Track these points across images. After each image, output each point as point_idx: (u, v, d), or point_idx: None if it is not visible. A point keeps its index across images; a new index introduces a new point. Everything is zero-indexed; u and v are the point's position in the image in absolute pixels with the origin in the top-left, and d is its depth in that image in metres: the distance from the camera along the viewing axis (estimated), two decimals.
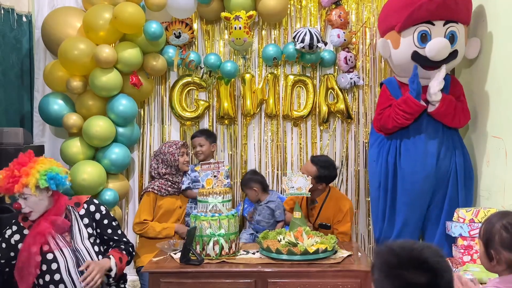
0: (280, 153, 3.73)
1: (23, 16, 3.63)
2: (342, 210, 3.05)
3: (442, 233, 2.98)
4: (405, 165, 3.00)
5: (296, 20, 3.72)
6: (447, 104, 2.89)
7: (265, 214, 3.14)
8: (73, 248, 2.37)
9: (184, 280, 2.38)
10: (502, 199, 2.71)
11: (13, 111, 3.54)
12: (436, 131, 2.97)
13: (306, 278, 2.35)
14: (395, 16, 2.94)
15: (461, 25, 2.90)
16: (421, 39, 2.89)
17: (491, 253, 1.65)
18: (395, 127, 3.01)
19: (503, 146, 2.70)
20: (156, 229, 3.12)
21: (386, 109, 3.05)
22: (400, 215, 3.04)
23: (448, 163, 2.97)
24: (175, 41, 3.60)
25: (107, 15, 3.23)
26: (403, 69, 3.05)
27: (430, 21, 2.85)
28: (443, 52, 2.84)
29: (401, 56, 3.00)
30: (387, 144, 3.08)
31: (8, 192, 2.30)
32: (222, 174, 2.67)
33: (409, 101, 2.90)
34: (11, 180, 2.28)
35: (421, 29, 2.87)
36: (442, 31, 2.86)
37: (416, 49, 2.90)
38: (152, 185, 3.24)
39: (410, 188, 2.99)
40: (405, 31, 2.92)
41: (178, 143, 3.33)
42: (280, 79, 3.71)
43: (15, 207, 2.30)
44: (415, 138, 2.98)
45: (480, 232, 1.72)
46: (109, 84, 3.27)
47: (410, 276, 1.23)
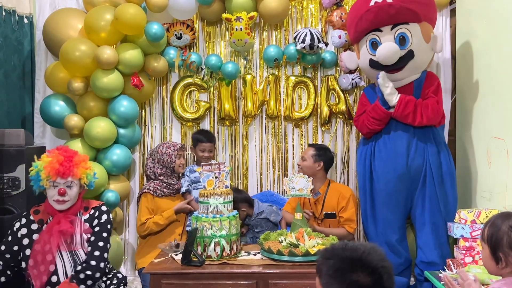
0: (281, 154, 3.73)
1: (25, 17, 3.64)
2: (345, 196, 3.14)
3: (430, 233, 3.01)
4: (378, 167, 3.09)
5: (297, 21, 3.72)
6: (403, 106, 2.94)
7: (262, 224, 3.19)
8: (72, 252, 2.36)
9: (185, 281, 2.38)
10: (504, 200, 2.70)
11: (15, 112, 3.54)
12: (406, 131, 3.02)
13: (308, 279, 2.34)
14: (350, 30, 3.16)
15: (413, 25, 2.93)
16: (372, 46, 3.03)
17: (499, 255, 1.64)
18: (369, 133, 3.13)
19: (505, 147, 2.70)
20: (158, 222, 3.13)
21: (361, 115, 3.17)
22: (380, 215, 3.11)
23: (420, 162, 3.00)
24: (176, 42, 3.60)
25: (108, 16, 3.23)
26: (370, 76, 3.24)
27: (377, 28, 2.96)
28: (392, 56, 2.92)
29: (362, 65, 3.18)
30: (366, 147, 3.20)
31: (59, 175, 2.32)
32: (223, 175, 2.66)
33: (377, 108, 3.03)
34: (66, 165, 2.32)
35: (371, 37, 3.02)
36: (390, 35, 2.95)
37: (371, 57, 3.04)
38: (148, 186, 3.25)
39: (384, 188, 3.06)
40: (360, 41, 3.11)
41: (176, 145, 3.32)
42: (281, 80, 3.71)
43: (61, 192, 2.32)
44: (385, 139, 3.07)
45: (484, 235, 1.71)
46: (110, 85, 3.27)
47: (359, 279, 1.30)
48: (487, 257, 1.69)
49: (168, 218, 3.15)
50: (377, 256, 1.34)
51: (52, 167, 2.31)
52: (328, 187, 3.19)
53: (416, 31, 2.93)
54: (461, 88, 3.40)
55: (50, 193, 2.36)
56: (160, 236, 3.18)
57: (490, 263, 1.68)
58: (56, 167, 2.32)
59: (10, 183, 2.92)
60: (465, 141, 3.25)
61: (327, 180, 3.25)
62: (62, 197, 2.34)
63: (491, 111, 2.90)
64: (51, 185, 2.34)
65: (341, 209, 3.12)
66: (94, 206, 2.49)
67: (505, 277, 1.66)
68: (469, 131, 3.20)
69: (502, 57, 2.78)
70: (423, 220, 3.03)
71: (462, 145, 3.33)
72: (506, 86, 2.73)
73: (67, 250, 2.35)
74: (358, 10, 3.00)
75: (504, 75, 2.76)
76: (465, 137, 3.26)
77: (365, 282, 1.29)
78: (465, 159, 3.26)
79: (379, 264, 1.32)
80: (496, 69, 2.86)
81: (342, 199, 3.13)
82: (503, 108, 2.76)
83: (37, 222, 2.40)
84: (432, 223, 2.99)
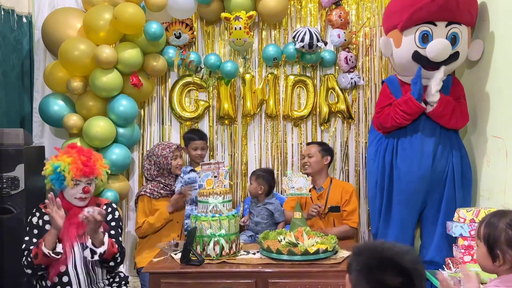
0: (281, 154, 3.73)
1: (23, 17, 3.63)
2: (348, 191, 3.17)
3: (441, 233, 2.98)
4: (401, 165, 3.02)
5: (296, 21, 3.72)
6: (444, 105, 2.90)
7: (263, 215, 3.15)
8: (83, 245, 2.41)
9: (185, 280, 2.38)
10: (503, 199, 2.70)
11: (14, 112, 3.54)
12: (433, 131, 2.97)
13: (307, 278, 2.34)
14: (398, 15, 2.94)
15: (464, 27, 2.89)
16: (422, 39, 2.88)
17: (496, 253, 1.64)
18: (393, 126, 3.02)
19: (504, 146, 2.70)
20: (150, 221, 3.12)
21: (385, 108, 3.06)
22: (396, 214, 3.06)
23: (444, 164, 2.98)
24: (175, 41, 3.60)
25: (107, 16, 3.23)
26: (404, 68, 3.05)
27: (432, 21, 2.84)
28: (444, 53, 2.83)
29: (402, 55, 2.99)
30: (385, 142, 3.10)
31: (85, 175, 2.40)
32: (222, 174, 2.66)
33: (410, 102, 2.90)
34: (90, 164, 2.42)
35: (422, 29, 2.86)
36: (444, 32, 2.85)
37: (417, 49, 2.89)
38: (145, 188, 3.24)
39: (405, 187, 3.00)
40: (407, 30, 2.91)
41: (171, 146, 3.30)
42: (281, 79, 3.71)
43: (85, 190, 2.42)
44: (412, 138, 3.00)
45: (480, 234, 1.71)
46: (110, 85, 3.27)
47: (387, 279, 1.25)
48: (483, 255, 1.69)
49: (161, 217, 3.13)
50: (410, 257, 1.28)
51: (77, 167, 2.40)
52: (331, 182, 3.24)
53: (465, 34, 2.88)
54: None
55: (72, 192, 2.43)
56: (159, 235, 3.18)
57: (486, 261, 1.69)
58: (81, 167, 2.40)
59: (9, 182, 2.92)
60: (465, 140, 3.25)
61: (329, 177, 3.28)
62: (85, 195, 2.43)
63: (490, 110, 2.90)
64: (74, 182, 2.41)
65: (345, 202, 3.13)
66: (105, 203, 2.60)
67: (500, 275, 1.67)
68: (468, 130, 3.20)
69: (502, 56, 2.78)
70: (435, 221, 3.00)
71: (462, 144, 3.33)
72: (505, 85, 2.73)
73: (79, 243, 2.40)
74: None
75: (504, 75, 2.76)
76: (465, 136, 3.26)
77: (394, 283, 1.24)
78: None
79: (410, 266, 1.26)
80: (496, 68, 2.86)
81: (346, 193, 3.16)
82: (502, 107, 2.76)
83: None
84: (445, 225, 2.96)
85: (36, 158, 3.14)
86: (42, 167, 2.54)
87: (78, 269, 2.38)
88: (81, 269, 2.39)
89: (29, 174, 2.98)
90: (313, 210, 2.97)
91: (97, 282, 2.46)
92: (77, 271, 2.37)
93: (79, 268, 2.38)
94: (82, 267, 2.39)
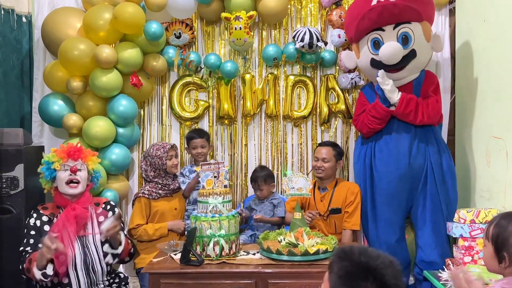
0: (281, 154, 3.72)
1: (23, 16, 3.63)
2: (354, 191, 3.14)
3: (431, 232, 3.01)
4: (379, 166, 3.08)
5: (297, 20, 3.71)
6: (405, 104, 2.94)
7: (266, 210, 3.15)
8: (83, 244, 2.42)
9: (184, 281, 2.38)
10: (503, 200, 2.70)
11: (13, 111, 3.54)
12: (408, 131, 3.02)
13: (307, 279, 2.34)
14: (350, 29, 3.11)
15: (415, 24, 2.92)
16: (374, 46, 2.99)
17: (503, 255, 1.64)
18: (369, 132, 3.11)
19: (504, 146, 2.70)
20: (149, 232, 3.09)
21: (360, 115, 3.16)
22: (381, 215, 3.10)
23: (422, 161, 3.01)
24: (175, 41, 3.59)
25: (107, 16, 3.23)
26: (370, 75, 3.19)
27: (379, 27, 2.94)
28: (396, 55, 2.90)
29: (363, 64, 3.13)
30: (365, 146, 3.18)
31: (70, 156, 2.47)
32: (222, 174, 2.66)
33: (377, 107, 3.01)
34: (76, 148, 2.52)
35: (372, 36, 2.99)
36: (393, 34, 2.93)
37: (373, 56, 3.01)
38: (143, 189, 3.22)
39: (386, 188, 3.05)
40: (361, 41, 3.06)
41: (166, 146, 3.26)
42: (281, 79, 3.70)
43: (73, 169, 2.46)
44: (387, 139, 3.07)
45: (488, 234, 1.71)
46: (109, 85, 3.26)
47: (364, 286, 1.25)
48: (490, 255, 1.70)
49: (159, 232, 3.11)
50: (393, 271, 1.28)
51: (62, 150, 2.49)
52: (336, 184, 3.21)
53: (418, 30, 2.92)
54: (460, 87, 3.40)
55: (61, 176, 2.45)
56: None
57: (493, 262, 1.69)
58: (66, 150, 2.49)
59: (9, 182, 2.92)
60: (464, 140, 3.25)
61: (335, 179, 3.25)
62: (73, 176, 2.45)
63: (490, 111, 2.90)
64: (62, 168, 2.45)
65: (349, 203, 3.11)
66: (104, 201, 2.64)
67: (506, 276, 1.67)
68: (468, 131, 3.20)
69: (502, 57, 2.78)
70: (424, 219, 3.03)
71: (461, 145, 3.33)
72: (505, 85, 2.72)
73: (79, 242, 2.42)
74: (359, 9, 2.98)
75: (503, 75, 2.75)
76: (464, 137, 3.26)
77: None
78: (464, 159, 3.26)
79: (392, 280, 1.26)
80: (495, 69, 2.86)
81: (351, 194, 3.14)
82: (502, 107, 2.76)
83: (48, 215, 2.47)
84: (433, 222, 2.99)
85: (36, 158, 3.11)
86: None
87: (78, 270, 2.38)
88: (81, 269, 2.39)
89: (29, 174, 2.98)
90: (308, 218, 2.96)
91: (97, 283, 2.46)
92: (77, 271, 2.37)
93: (79, 269, 2.38)
94: (82, 267, 2.40)
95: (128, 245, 2.51)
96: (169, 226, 3.15)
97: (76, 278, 2.37)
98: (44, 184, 2.53)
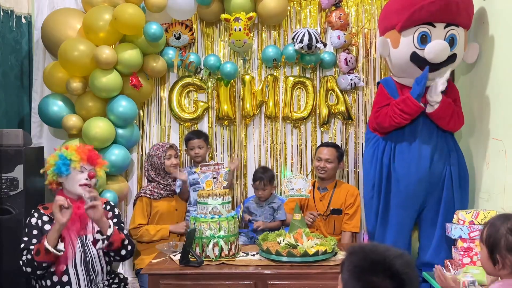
0: (280, 155, 3.72)
1: (22, 17, 3.63)
2: (353, 194, 3.16)
3: (440, 236, 2.98)
4: (399, 168, 3.00)
5: (296, 22, 3.72)
6: (446, 107, 2.89)
7: (267, 214, 3.14)
8: (83, 243, 2.42)
9: (184, 282, 2.38)
10: (502, 201, 2.70)
11: (12, 112, 3.53)
12: (431, 134, 2.97)
13: (306, 280, 2.34)
14: (396, 15, 2.92)
15: (461, 29, 2.89)
16: (421, 40, 2.86)
17: (496, 257, 1.64)
18: (391, 126, 2.98)
19: (503, 148, 2.70)
20: (150, 232, 3.10)
21: (383, 108, 3.03)
22: (393, 217, 3.04)
23: (442, 167, 2.97)
24: (175, 42, 3.60)
25: (107, 16, 3.23)
26: (401, 69, 3.03)
27: (431, 22, 2.83)
28: (442, 55, 2.82)
29: (400, 56, 2.97)
30: (382, 145, 3.06)
31: (89, 161, 2.50)
32: (221, 176, 2.66)
33: (409, 101, 2.88)
34: (94, 153, 2.55)
35: (421, 30, 2.85)
36: (442, 33, 2.84)
37: (415, 50, 2.88)
38: (144, 189, 3.23)
39: (403, 190, 2.98)
40: (406, 31, 2.89)
41: (164, 146, 3.28)
42: (280, 80, 3.70)
43: (91, 174, 2.48)
44: (409, 140, 2.99)
45: (482, 236, 1.71)
46: (109, 85, 3.26)
47: (377, 281, 1.23)
48: (485, 258, 1.69)
49: (160, 232, 3.12)
50: (403, 261, 1.26)
51: (84, 152, 2.49)
52: (336, 185, 3.22)
53: (462, 36, 2.88)
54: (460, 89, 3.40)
55: (77, 177, 2.46)
56: None
57: (488, 264, 1.68)
58: (87, 153, 2.49)
59: (9, 183, 2.91)
60: (464, 142, 3.25)
61: (335, 180, 3.28)
62: (89, 181, 2.46)
63: (490, 112, 2.90)
64: (80, 169, 2.46)
65: (349, 205, 3.12)
66: (104, 201, 2.63)
67: (503, 278, 1.66)
68: (467, 132, 3.21)
69: (501, 58, 2.78)
70: (435, 222, 2.99)
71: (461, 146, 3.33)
72: (505, 87, 2.73)
73: (79, 241, 2.42)
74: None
75: (503, 76, 2.76)
76: (464, 138, 3.26)
77: (385, 286, 1.22)
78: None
79: (402, 269, 1.24)
80: (495, 70, 2.86)
81: (350, 196, 3.15)
82: (501, 109, 2.76)
83: (48, 215, 2.46)
84: (444, 227, 2.96)
85: (35, 158, 3.13)
86: (42, 167, 2.55)
87: (78, 269, 2.39)
88: (81, 268, 2.39)
89: (28, 174, 2.98)
90: (309, 219, 2.95)
91: (96, 282, 2.46)
92: (77, 270, 2.38)
93: (79, 268, 2.39)
94: (82, 266, 2.40)
95: (120, 234, 2.47)
96: (171, 229, 3.15)
97: (76, 276, 2.37)
98: (51, 176, 2.47)
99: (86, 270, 2.40)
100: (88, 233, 2.46)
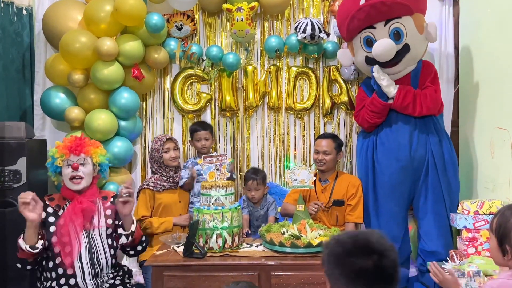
0: (283, 146, 3.71)
1: (23, 9, 3.61)
2: (355, 185, 3.14)
3: (433, 221, 3.01)
4: (381, 159, 3.09)
5: (299, 11, 3.68)
6: (403, 97, 2.95)
7: (263, 218, 3.14)
8: (89, 236, 2.42)
9: (187, 273, 2.38)
10: (507, 191, 2.69)
11: (14, 105, 3.53)
12: (407, 122, 3.02)
13: (310, 271, 2.34)
14: (341, 28, 3.12)
15: (406, 18, 2.91)
16: (367, 44, 2.99)
17: (506, 248, 1.63)
18: (370, 127, 3.13)
19: (508, 137, 2.68)
20: (154, 225, 3.10)
21: (361, 110, 3.16)
22: (383, 207, 3.10)
23: (423, 152, 3.01)
24: (177, 33, 3.57)
25: (108, 8, 3.21)
26: (367, 72, 3.18)
27: (370, 25, 2.93)
28: (389, 52, 2.89)
29: (358, 62, 3.14)
30: (366, 140, 3.19)
31: (72, 151, 2.44)
32: (225, 167, 2.65)
33: (375, 101, 3.02)
34: (77, 142, 2.45)
35: (364, 35, 2.98)
36: (385, 31, 2.92)
37: (366, 54, 3.00)
38: (147, 181, 3.22)
39: (388, 180, 3.05)
40: (354, 39, 3.06)
41: (162, 139, 3.24)
42: (283, 71, 3.68)
43: (74, 166, 2.43)
44: (387, 131, 3.07)
45: (492, 226, 1.70)
46: (111, 77, 3.25)
47: (357, 261, 1.26)
48: (494, 248, 1.69)
49: (164, 226, 3.11)
50: (376, 238, 1.29)
51: (64, 145, 2.46)
52: (337, 176, 3.20)
53: (409, 24, 2.91)
54: (464, 78, 3.38)
55: (65, 172, 2.45)
56: None
57: (497, 254, 1.68)
58: (68, 145, 2.46)
59: (11, 176, 2.92)
60: (468, 131, 3.23)
61: (336, 170, 3.25)
62: (76, 172, 2.42)
63: (495, 101, 2.88)
64: (65, 164, 2.44)
65: (351, 196, 3.10)
66: (112, 195, 2.62)
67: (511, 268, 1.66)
68: (472, 122, 3.18)
69: (506, 47, 2.76)
70: (425, 209, 3.03)
71: (465, 136, 3.31)
72: (509, 76, 2.70)
73: (85, 235, 2.42)
74: (348, 9, 2.96)
75: (507, 65, 2.73)
76: (468, 128, 3.24)
77: (364, 264, 1.25)
78: (468, 150, 3.24)
79: (378, 246, 1.27)
80: (499, 59, 2.83)
81: (352, 187, 3.13)
82: (506, 98, 2.74)
83: (54, 207, 2.47)
84: (435, 212, 2.99)
85: (38, 151, 3.13)
86: (44, 160, 2.57)
87: (83, 262, 2.38)
88: (86, 261, 2.39)
89: (31, 167, 2.97)
90: (313, 209, 2.93)
91: (101, 275, 2.46)
92: (82, 263, 2.38)
93: (84, 261, 2.38)
94: (87, 259, 2.40)
95: (139, 230, 2.52)
96: (174, 221, 3.15)
97: (80, 269, 2.38)
98: (53, 177, 2.54)
99: (91, 263, 2.41)
100: (94, 228, 2.46)
